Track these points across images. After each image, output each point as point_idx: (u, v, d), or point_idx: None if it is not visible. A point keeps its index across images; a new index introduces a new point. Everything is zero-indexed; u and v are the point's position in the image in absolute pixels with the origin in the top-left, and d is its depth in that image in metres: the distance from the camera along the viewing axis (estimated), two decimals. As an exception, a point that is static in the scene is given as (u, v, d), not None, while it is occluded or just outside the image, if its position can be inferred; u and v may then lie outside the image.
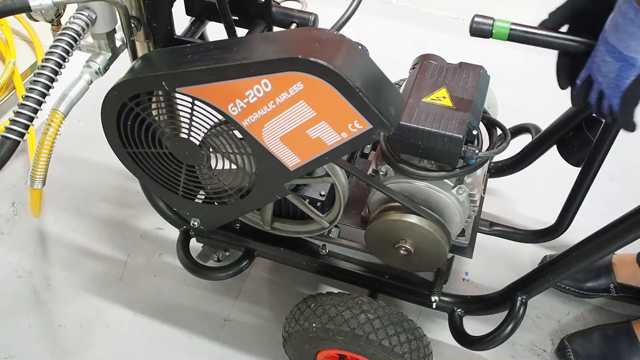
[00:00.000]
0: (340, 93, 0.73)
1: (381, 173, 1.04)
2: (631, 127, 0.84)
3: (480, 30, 0.87)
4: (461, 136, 0.91)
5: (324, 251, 1.21)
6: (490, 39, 0.87)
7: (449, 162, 0.97)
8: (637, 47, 0.76)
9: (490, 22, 0.85)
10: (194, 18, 1.11)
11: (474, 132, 0.95)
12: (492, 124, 1.06)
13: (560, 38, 0.84)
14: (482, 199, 1.24)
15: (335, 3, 1.17)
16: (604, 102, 0.84)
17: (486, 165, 1.10)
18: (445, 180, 1.00)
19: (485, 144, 1.05)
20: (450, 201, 1.01)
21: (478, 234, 1.21)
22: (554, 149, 1.28)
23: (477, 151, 0.94)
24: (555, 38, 0.84)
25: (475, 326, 1.41)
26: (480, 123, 1.06)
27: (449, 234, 1.02)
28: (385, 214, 1.03)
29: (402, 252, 1.04)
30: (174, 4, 0.99)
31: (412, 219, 1.00)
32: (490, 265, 1.57)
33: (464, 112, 0.94)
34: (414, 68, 1.09)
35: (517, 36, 0.86)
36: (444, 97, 0.97)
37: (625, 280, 1.43)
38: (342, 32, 0.85)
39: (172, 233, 1.52)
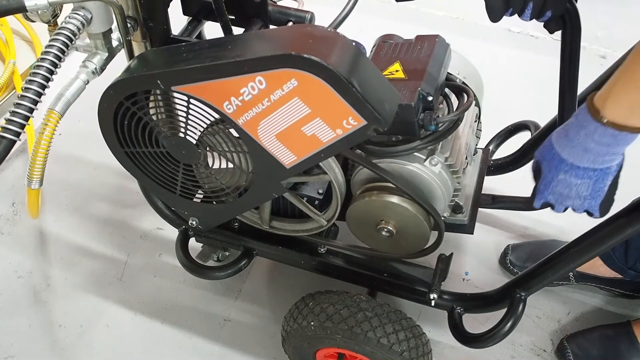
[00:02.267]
0: (334, 89, 0.73)
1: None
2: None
3: None
4: (412, 103, 0.91)
5: (322, 249, 1.21)
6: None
7: (410, 133, 0.96)
8: (610, 157, 0.76)
9: None
10: (191, 18, 1.11)
11: (430, 99, 0.94)
12: (459, 91, 1.05)
13: None
14: (482, 172, 1.22)
15: (333, 3, 1.17)
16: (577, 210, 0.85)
17: (468, 134, 1.08)
18: (416, 153, 0.99)
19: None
20: (424, 174, 1.00)
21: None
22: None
23: (434, 117, 0.93)
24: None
25: (476, 326, 1.41)
26: (449, 91, 1.05)
27: (431, 208, 1.01)
28: (361, 196, 1.02)
29: (384, 233, 1.04)
30: (170, 4, 0.99)
31: (386, 197, 0.99)
32: (491, 266, 1.57)
33: (416, 80, 0.94)
34: (371, 51, 1.09)
35: None
36: (397, 71, 0.97)
37: (585, 269, 1.45)
38: (340, 32, 0.85)
39: (172, 233, 1.52)
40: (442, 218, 1.11)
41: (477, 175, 1.22)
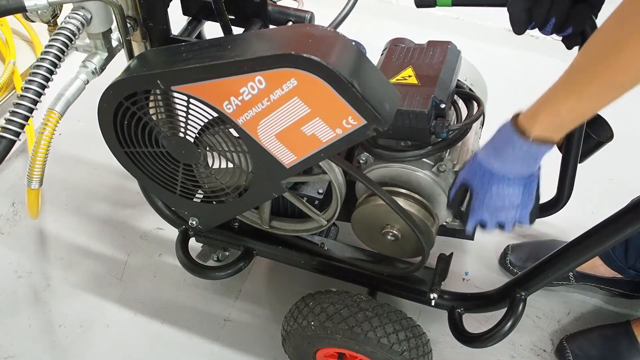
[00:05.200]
0: (333, 89, 0.73)
1: (361, 162, 1.04)
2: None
3: (425, 0, 0.90)
4: (425, 111, 0.91)
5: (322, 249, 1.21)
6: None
7: (421, 139, 0.96)
8: (534, 163, 0.81)
9: None
10: (190, 18, 1.11)
11: (442, 106, 0.94)
12: (469, 98, 1.05)
13: None
14: None
15: (333, 3, 1.17)
16: (507, 226, 0.89)
17: (473, 141, 1.08)
18: (424, 159, 0.99)
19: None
20: (431, 180, 1.00)
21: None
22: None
23: (446, 124, 0.93)
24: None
25: (476, 326, 1.41)
26: (458, 98, 1.06)
27: (433, 213, 1.01)
28: (367, 200, 1.02)
29: (389, 237, 1.04)
30: (170, 4, 0.99)
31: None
32: (491, 266, 1.57)
33: (429, 87, 0.94)
34: (382, 54, 1.09)
35: (460, 1, 0.90)
36: (410, 76, 0.97)
37: (585, 269, 1.45)
38: (340, 32, 0.85)
39: (172, 233, 1.52)
40: (444, 224, 1.11)
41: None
